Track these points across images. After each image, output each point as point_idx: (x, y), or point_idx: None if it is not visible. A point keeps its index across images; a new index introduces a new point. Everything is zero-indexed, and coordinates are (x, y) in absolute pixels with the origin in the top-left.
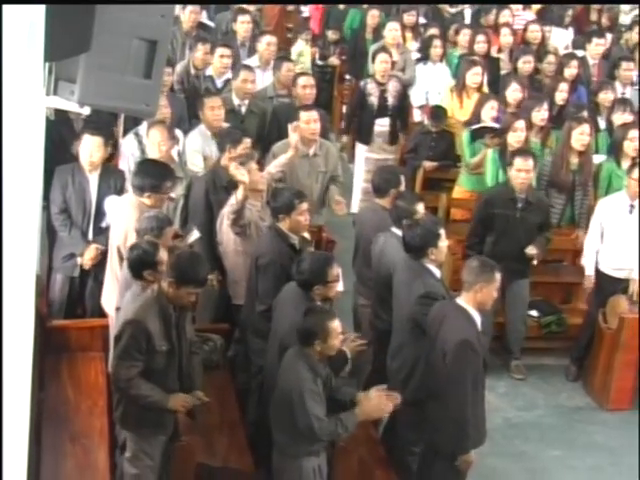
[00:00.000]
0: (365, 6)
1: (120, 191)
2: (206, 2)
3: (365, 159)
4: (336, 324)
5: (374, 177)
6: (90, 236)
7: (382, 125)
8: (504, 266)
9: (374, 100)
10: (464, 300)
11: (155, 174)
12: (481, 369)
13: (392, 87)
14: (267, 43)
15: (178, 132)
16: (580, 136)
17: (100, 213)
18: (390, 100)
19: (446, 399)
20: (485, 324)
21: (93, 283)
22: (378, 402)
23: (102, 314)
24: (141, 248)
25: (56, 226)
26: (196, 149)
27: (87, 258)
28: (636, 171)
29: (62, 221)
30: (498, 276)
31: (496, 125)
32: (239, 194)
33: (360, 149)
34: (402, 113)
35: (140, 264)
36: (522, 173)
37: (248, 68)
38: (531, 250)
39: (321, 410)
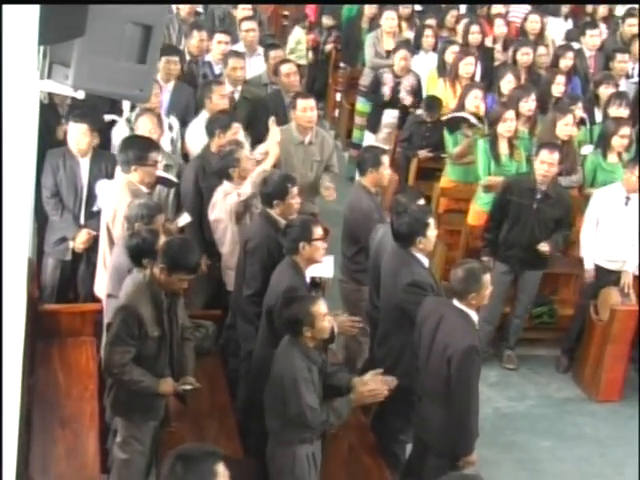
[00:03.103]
0: None
1: (112, 175)
2: (206, 2)
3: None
4: (321, 307)
5: (358, 156)
6: (82, 220)
7: (391, 117)
8: (514, 255)
9: (387, 90)
10: (460, 304)
11: (139, 146)
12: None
13: (407, 81)
14: (246, 30)
15: (173, 120)
16: (565, 127)
17: (92, 197)
18: (402, 93)
19: (449, 402)
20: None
21: (85, 267)
22: (373, 386)
23: (95, 299)
24: (140, 236)
25: (48, 210)
26: (203, 139)
27: (79, 242)
28: (637, 167)
29: (53, 205)
30: (487, 279)
31: (467, 115)
32: (247, 188)
33: (368, 138)
34: (410, 108)
35: (139, 252)
36: (545, 165)
37: (237, 54)
38: (543, 247)
39: (314, 399)
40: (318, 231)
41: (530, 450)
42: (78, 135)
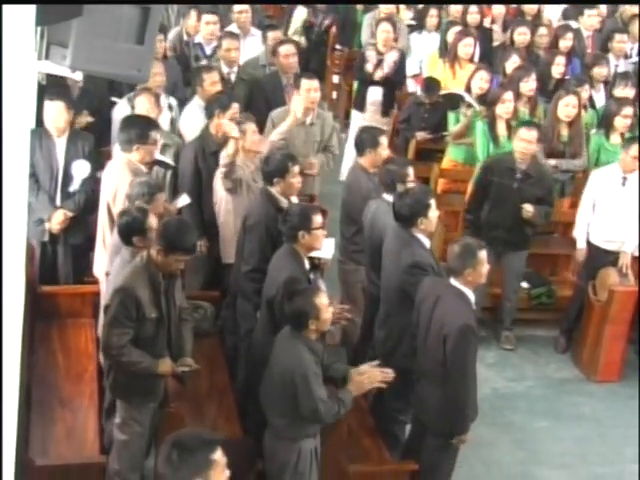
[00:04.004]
0: None
1: (88, 156)
2: (206, 2)
3: (358, 128)
4: (324, 299)
5: (355, 136)
6: (58, 201)
7: (375, 94)
8: (498, 236)
9: (370, 67)
10: (457, 282)
11: (140, 124)
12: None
13: (390, 57)
14: (239, 11)
15: (172, 100)
16: (565, 107)
17: (68, 177)
18: (385, 70)
19: (446, 382)
20: (476, 296)
21: (63, 248)
22: (369, 375)
23: (76, 280)
24: (130, 214)
25: None
26: (198, 125)
27: (55, 223)
28: (634, 147)
29: (30, 186)
30: (483, 255)
31: (463, 93)
32: (229, 148)
33: (355, 117)
34: (395, 85)
35: (129, 230)
36: (524, 143)
37: (231, 35)
38: (527, 208)
39: (324, 392)
40: (318, 219)
41: (528, 430)
42: (55, 113)
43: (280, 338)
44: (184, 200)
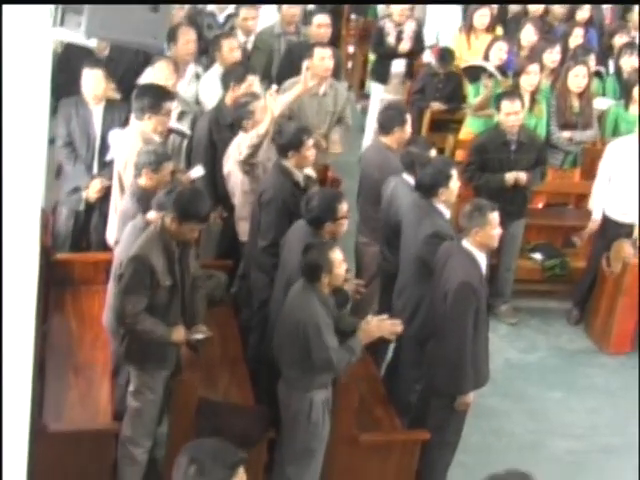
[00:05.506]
0: None
1: (125, 125)
2: (206, 2)
3: (380, 100)
4: (337, 254)
5: (379, 115)
6: (95, 170)
7: (398, 66)
8: (500, 208)
9: (391, 40)
10: (467, 242)
11: (153, 94)
12: (483, 310)
13: (409, 28)
14: None
15: (199, 69)
16: (575, 78)
17: (104, 146)
18: (406, 41)
19: (445, 340)
20: None
21: (98, 217)
22: (378, 324)
23: (107, 248)
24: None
25: (61, 159)
26: (218, 93)
27: (92, 191)
28: None
29: (67, 154)
30: (492, 216)
31: (485, 64)
32: (261, 128)
33: (376, 90)
34: (415, 56)
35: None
36: (511, 116)
37: (248, 4)
38: (522, 176)
39: (336, 342)
40: (343, 208)
41: (540, 401)
42: (94, 81)
43: (293, 291)
44: (198, 171)
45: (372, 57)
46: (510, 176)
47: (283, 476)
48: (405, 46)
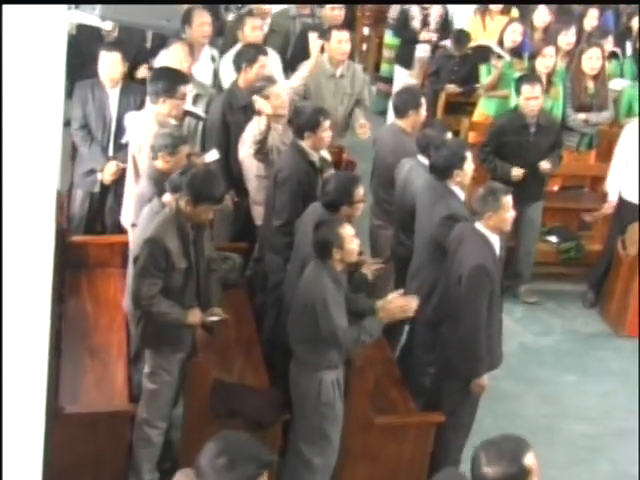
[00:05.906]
0: None
1: (140, 107)
2: (207, 2)
3: (404, 85)
4: (348, 229)
5: (394, 98)
6: (110, 152)
7: (423, 51)
8: (518, 191)
9: (417, 24)
10: (481, 226)
11: (168, 77)
12: (497, 293)
13: (435, 12)
14: None
15: (215, 51)
16: (589, 60)
17: (120, 129)
18: (432, 25)
19: (459, 322)
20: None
21: (113, 199)
22: (399, 303)
23: (121, 230)
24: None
25: (76, 141)
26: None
27: (107, 174)
28: None
29: (82, 137)
30: (506, 200)
31: (492, 44)
32: (261, 124)
33: (400, 73)
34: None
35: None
36: (532, 101)
37: None
38: (545, 165)
39: (344, 319)
40: (360, 192)
41: (555, 384)
42: (111, 64)
43: (307, 271)
44: (213, 155)
45: (387, 39)
46: (517, 172)
47: (298, 456)
48: (431, 36)
